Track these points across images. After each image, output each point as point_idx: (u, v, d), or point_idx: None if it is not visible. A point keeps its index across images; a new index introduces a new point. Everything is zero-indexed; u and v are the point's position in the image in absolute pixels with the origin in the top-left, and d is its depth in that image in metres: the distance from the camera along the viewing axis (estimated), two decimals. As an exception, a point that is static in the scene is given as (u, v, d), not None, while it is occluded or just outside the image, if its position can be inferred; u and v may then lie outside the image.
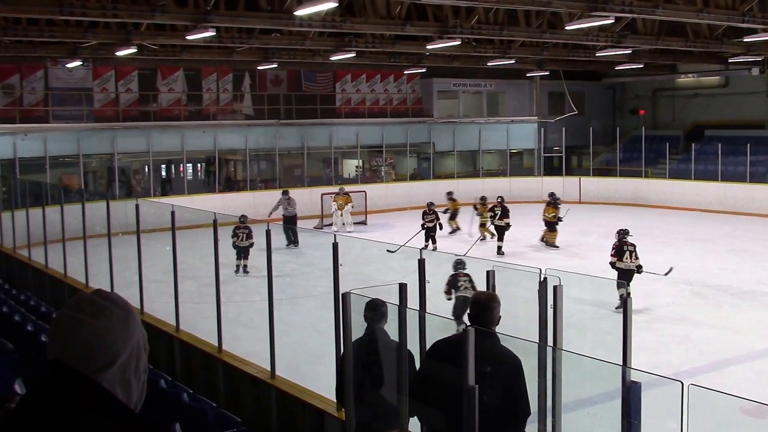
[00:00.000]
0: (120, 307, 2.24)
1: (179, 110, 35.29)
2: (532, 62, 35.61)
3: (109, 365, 2.16)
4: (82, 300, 2.23)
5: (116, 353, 2.17)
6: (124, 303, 2.27)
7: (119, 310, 2.23)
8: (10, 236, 21.18)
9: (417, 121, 40.31)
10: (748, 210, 33.23)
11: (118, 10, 18.81)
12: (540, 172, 41.61)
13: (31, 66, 31.79)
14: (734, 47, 27.96)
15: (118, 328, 2.19)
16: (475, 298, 5.89)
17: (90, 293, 2.27)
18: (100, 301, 2.22)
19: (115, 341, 2.17)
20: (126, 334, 2.21)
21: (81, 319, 2.16)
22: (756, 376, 13.38)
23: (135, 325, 2.25)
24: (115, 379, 2.17)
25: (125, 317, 2.23)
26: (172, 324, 12.24)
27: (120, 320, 2.20)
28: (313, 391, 8.92)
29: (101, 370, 2.15)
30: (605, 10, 18.98)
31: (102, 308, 2.20)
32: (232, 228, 21.65)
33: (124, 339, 2.20)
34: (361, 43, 26.41)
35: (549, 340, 6.71)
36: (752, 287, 19.94)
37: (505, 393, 5.51)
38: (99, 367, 2.14)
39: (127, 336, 2.21)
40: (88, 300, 2.22)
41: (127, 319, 2.23)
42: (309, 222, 30.59)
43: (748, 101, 39.59)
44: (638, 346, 6.33)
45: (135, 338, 2.24)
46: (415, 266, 7.74)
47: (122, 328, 2.20)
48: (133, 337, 2.23)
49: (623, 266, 18.03)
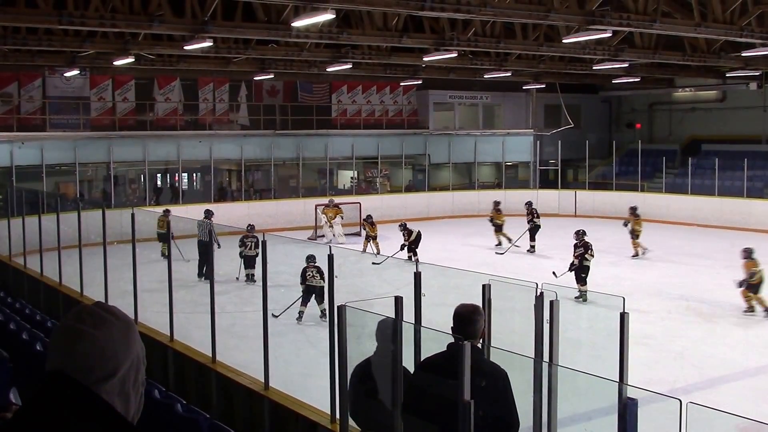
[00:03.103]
0: (121, 319, 2.24)
1: (175, 120, 35.31)
2: (528, 75, 35.60)
3: (109, 377, 2.16)
4: (84, 311, 2.23)
5: (117, 365, 2.17)
6: (124, 316, 2.28)
7: (120, 322, 2.23)
8: (5, 244, 21.14)
9: (413, 133, 40.35)
10: (745, 225, 33.17)
11: (116, 20, 18.80)
12: (536, 185, 41.56)
13: (29, 74, 31.83)
14: (732, 62, 27.99)
15: (119, 340, 2.19)
16: (458, 311, 5.80)
17: (91, 305, 2.28)
18: (102, 313, 2.22)
19: (115, 353, 2.18)
20: (126, 346, 2.21)
21: (82, 330, 2.16)
22: (751, 393, 13.34)
23: (135, 338, 2.26)
24: (114, 392, 2.17)
25: (126, 329, 2.23)
26: (166, 334, 12.20)
27: (121, 332, 2.21)
28: (306, 403, 8.88)
29: (101, 381, 2.15)
30: (602, 24, 18.99)
31: (103, 320, 2.20)
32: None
33: (124, 351, 2.20)
34: (358, 54, 26.42)
35: (545, 355, 6.68)
36: (748, 303, 19.89)
37: (494, 406, 5.48)
38: (99, 379, 2.14)
39: (127, 348, 2.21)
40: (89, 312, 2.22)
41: (127, 331, 2.23)
42: (303, 233, 30.53)
43: (745, 116, 39.68)
44: (633, 361, 6.29)
45: (135, 351, 2.24)
46: (407, 278, 7.71)
47: (123, 340, 2.20)
48: (133, 349, 2.23)
49: (588, 263, 20.01)
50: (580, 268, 20.09)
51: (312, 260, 17.75)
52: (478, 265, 22.57)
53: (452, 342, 5.35)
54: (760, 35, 21.27)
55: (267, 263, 10.01)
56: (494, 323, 6.70)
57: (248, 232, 21.95)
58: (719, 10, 20.40)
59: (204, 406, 9.53)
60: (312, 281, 17.34)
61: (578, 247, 20.42)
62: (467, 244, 29.60)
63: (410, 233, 25.70)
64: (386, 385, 6.44)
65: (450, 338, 5.41)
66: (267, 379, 9.56)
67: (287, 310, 17.10)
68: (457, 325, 5.65)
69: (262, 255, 10.04)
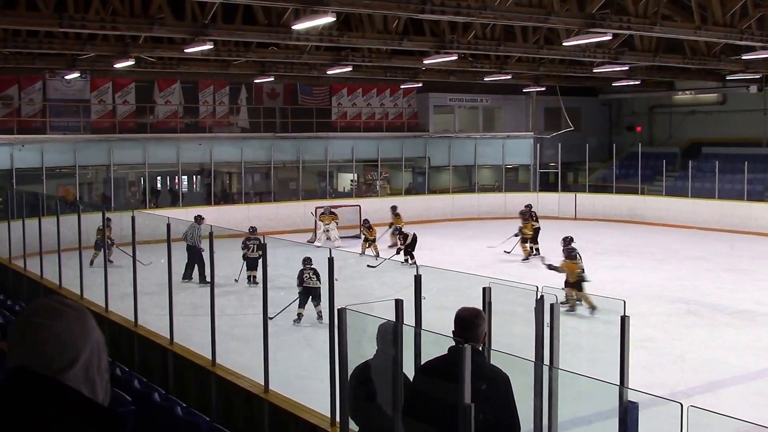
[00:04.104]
0: (76, 309, 2.31)
1: (175, 122, 35.30)
2: (528, 78, 35.59)
3: (71, 365, 2.21)
4: (38, 305, 2.29)
5: (77, 353, 2.23)
6: (79, 305, 2.34)
7: (75, 312, 2.30)
8: (5, 246, 21.12)
9: (413, 136, 40.33)
10: (745, 228, 33.16)
11: (116, 22, 18.83)
12: (536, 188, 41.49)
13: (29, 77, 31.83)
14: (732, 65, 28.00)
15: (76, 329, 2.25)
16: (460, 315, 5.77)
17: (44, 299, 2.34)
18: (56, 304, 2.28)
19: (74, 341, 2.23)
20: (84, 333, 2.27)
21: (39, 322, 2.22)
22: (752, 396, 13.31)
23: (92, 326, 2.32)
24: (79, 379, 2.22)
25: (82, 318, 2.29)
26: (166, 336, 12.19)
27: (77, 321, 2.27)
28: (306, 406, 8.87)
29: (64, 370, 2.20)
30: (603, 27, 18.99)
31: (58, 311, 2.25)
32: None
33: (83, 338, 2.26)
34: (358, 57, 26.43)
35: (545, 358, 6.66)
36: (748, 307, 19.86)
37: (495, 409, 5.47)
38: (62, 368, 2.20)
39: (85, 335, 2.27)
40: (43, 305, 2.29)
41: (83, 319, 2.29)
42: (303, 236, 30.50)
43: (745, 119, 39.64)
44: (633, 364, 6.27)
45: (94, 337, 2.30)
46: (407, 281, 7.70)
47: (80, 329, 2.26)
48: (91, 336, 2.29)
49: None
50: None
51: (308, 262, 17.97)
52: (478, 268, 22.58)
53: (453, 345, 5.35)
54: (761, 38, 21.27)
55: (267, 266, 10.00)
56: (495, 326, 6.69)
57: (250, 234, 22.01)
58: (719, 13, 20.41)
59: (204, 409, 9.53)
60: (309, 283, 17.53)
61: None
62: (467, 246, 29.58)
63: (405, 237, 25.74)
64: (386, 388, 6.43)
65: (451, 341, 5.40)
66: (267, 381, 9.55)
67: (282, 312, 17.08)
68: (459, 329, 5.64)
69: (263, 258, 10.03)
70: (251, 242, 21.72)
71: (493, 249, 27.05)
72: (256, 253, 21.35)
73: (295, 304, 17.43)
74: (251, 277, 21.73)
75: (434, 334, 5.84)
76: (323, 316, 16.87)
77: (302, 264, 17.94)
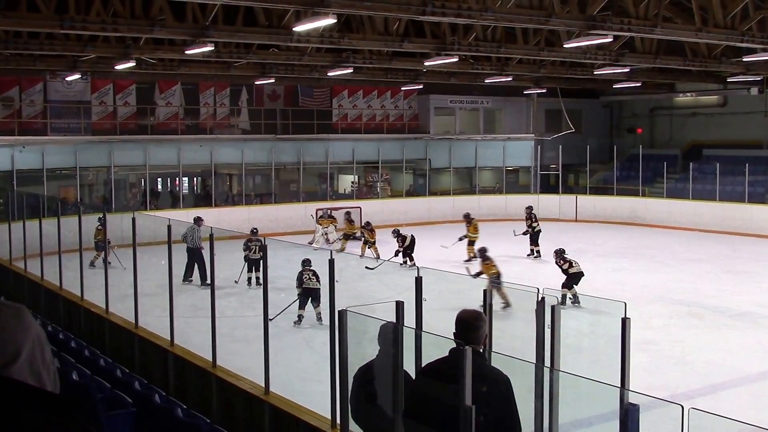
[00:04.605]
0: (9, 305, 2.29)
1: (176, 124, 35.32)
2: (529, 80, 35.56)
3: (13, 360, 2.18)
4: None
5: (18, 348, 2.20)
6: (13, 303, 2.33)
7: (9, 308, 2.28)
8: (6, 248, 21.13)
9: (413, 138, 40.31)
10: (746, 230, 33.13)
11: (117, 24, 18.81)
12: (536, 190, 41.50)
13: (30, 79, 31.83)
14: (733, 67, 27.97)
15: (14, 325, 2.23)
16: (461, 317, 5.76)
17: None
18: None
19: (13, 336, 2.21)
20: (23, 328, 2.27)
21: None
22: (753, 399, 13.31)
23: (30, 320, 2.34)
24: (24, 373, 2.20)
25: (18, 313, 2.28)
26: (167, 338, 12.19)
27: (13, 317, 2.24)
28: (307, 408, 8.87)
29: (8, 365, 2.18)
30: (603, 29, 18.97)
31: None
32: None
33: (22, 333, 2.24)
34: (359, 59, 26.41)
35: (546, 360, 6.66)
36: (749, 309, 19.84)
37: (497, 412, 5.46)
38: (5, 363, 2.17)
39: (24, 330, 2.27)
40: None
41: (20, 315, 2.28)
42: (303, 238, 30.49)
43: (746, 121, 39.60)
44: (634, 367, 6.28)
45: (34, 332, 2.27)
46: (408, 283, 7.70)
47: (17, 324, 2.24)
48: (31, 331, 2.28)
49: (575, 270, 19.85)
50: (570, 277, 19.89)
51: (308, 264, 18.15)
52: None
53: (454, 347, 5.34)
54: (761, 40, 21.25)
55: (268, 268, 10.00)
56: (495, 328, 6.69)
57: (251, 236, 22.05)
58: (720, 15, 20.38)
59: (204, 410, 9.53)
60: (308, 284, 17.61)
61: (561, 266, 20.25)
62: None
63: (404, 239, 25.74)
64: (388, 389, 6.43)
65: (452, 343, 5.39)
66: (267, 383, 9.55)
67: (282, 314, 17.07)
68: (460, 331, 5.63)
69: (264, 260, 10.03)
70: (253, 244, 21.78)
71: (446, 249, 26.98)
72: (258, 254, 21.37)
73: (295, 306, 17.43)
74: (254, 278, 21.73)
75: (435, 336, 5.83)
76: (323, 317, 16.89)
77: (301, 266, 18.00)
